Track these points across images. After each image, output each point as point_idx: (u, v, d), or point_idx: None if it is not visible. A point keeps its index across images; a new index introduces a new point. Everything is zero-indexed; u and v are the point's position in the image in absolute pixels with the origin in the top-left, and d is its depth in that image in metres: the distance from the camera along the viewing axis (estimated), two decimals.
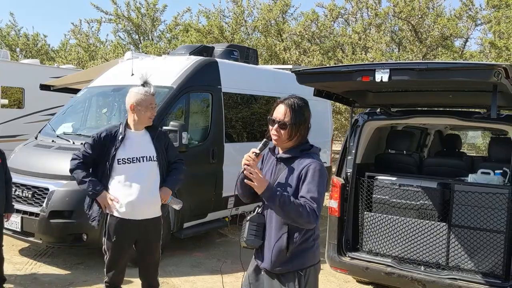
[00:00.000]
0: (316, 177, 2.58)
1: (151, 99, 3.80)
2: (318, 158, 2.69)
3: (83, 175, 3.75)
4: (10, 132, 10.93)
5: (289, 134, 2.65)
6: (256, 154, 2.61)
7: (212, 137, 6.77)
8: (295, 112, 2.65)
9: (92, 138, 3.81)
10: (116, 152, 3.71)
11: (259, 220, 2.73)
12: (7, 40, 24.34)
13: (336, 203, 5.02)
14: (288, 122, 2.64)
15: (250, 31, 19.45)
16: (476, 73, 3.35)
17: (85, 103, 7.39)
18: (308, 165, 2.61)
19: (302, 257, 2.68)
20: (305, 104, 2.73)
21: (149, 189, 3.78)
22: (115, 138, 3.74)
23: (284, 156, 2.71)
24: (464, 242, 4.45)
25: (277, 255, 2.67)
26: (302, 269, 2.68)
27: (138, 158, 3.75)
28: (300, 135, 2.69)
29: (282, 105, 2.68)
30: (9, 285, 5.03)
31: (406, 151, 5.50)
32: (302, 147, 2.71)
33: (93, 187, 3.71)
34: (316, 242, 2.75)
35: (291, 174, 2.65)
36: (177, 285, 5.33)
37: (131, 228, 3.76)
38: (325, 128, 9.47)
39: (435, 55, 15.00)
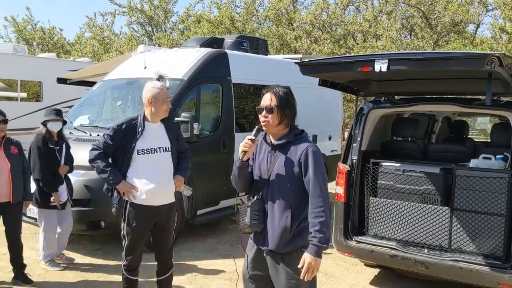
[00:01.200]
0: (317, 160, 2.81)
1: (167, 93, 4.01)
2: (312, 142, 2.92)
3: (104, 164, 3.95)
4: (30, 124, 11.23)
5: (277, 117, 2.84)
6: (252, 140, 2.85)
7: (222, 127, 6.97)
8: (279, 97, 2.86)
9: (113, 129, 3.98)
10: (136, 143, 3.91)
11: (259, 205, 2.90)
12: (24, 34, 24.76)
13: (342, 189, 5.19)
14: (275, 105, 2.84)
15: (261, 21, 19.54)
16: (470, 62, 3.48)
17: (101, 96, 7.64)
18: (306, 149, 2.82)
19: (303, 235, 2.84)
20: (289, 92, 2.94)
21: (166, 177, 4.03)
22: (134, 129, 3.94)
23: (279, 143, 2.89)
24: (466, 225, 4.58)
25: (281, 236, 2.84)
26: (304, 247, 2.82)
27: (155, 149, 3.97)
28: (287, 118, 2.88)
29: (267, 93, 2.91)
30: (31, 270, 5.32)
31: (411, 138, 5.62)
32: (295, 132, 2.91)
33: (114, 176, 3.92)
34: None
35: (289, 160, 2.83)
36: (191, 269, 5.58)
37: (150, 213, 3.99)
38: (336, 116, 9.61)
39: (447, 41, 14.96)
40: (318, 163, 2.80)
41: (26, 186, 4.95)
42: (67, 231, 5.49)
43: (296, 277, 2.82)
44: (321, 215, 2.74)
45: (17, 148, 4.87)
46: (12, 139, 4.91)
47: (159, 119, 4.04)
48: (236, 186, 3.05)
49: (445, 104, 5.13)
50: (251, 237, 3.04)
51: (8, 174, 4.69)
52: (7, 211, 4.78)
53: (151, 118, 4.00)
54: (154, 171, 3.95)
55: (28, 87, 12.82)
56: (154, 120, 4.02)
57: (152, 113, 3.98)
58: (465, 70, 3.78)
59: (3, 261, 5.17)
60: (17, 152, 4.85)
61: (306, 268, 2.73)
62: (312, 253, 2.73)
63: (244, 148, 2.87)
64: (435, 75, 4.44)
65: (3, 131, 4.73)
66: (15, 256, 4.95)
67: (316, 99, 8.73)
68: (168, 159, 4.06)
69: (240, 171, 2.95)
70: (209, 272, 5.50)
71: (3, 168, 4.68)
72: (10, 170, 4.70)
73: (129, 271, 4.14)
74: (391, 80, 4.92)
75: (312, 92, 8.35)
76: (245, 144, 2.86)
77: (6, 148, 4.75)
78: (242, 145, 2.88)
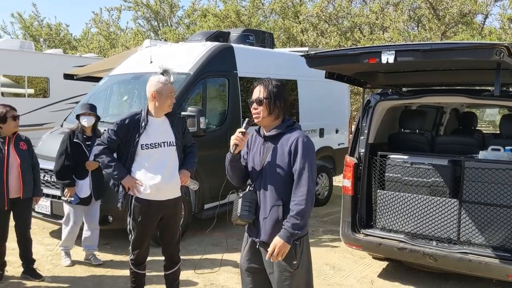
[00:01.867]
0: (306, 150, 2.79)
1: (171, 87, 3.98)
2: (303, 132, 2.91)
3: (108, 159, 3.95)
4: (37, 120, 11.34)
5: (267, 109, 2.86)
6: (242, 133, 2.88)
7: (229, 121, 6.96)
8: (268, 89, 2.87)
9: (116, 124, 3.98)
10: (139, 138, 3.91)
11: (251, 197, 2.91)
12: (31, 30, 24.86)
13: (349, 182, 5.17)
14: (264, 97, 2.86)
15: (267, 14, 19.47)
16: (478, 52, 3.45)
17: (107, 91, 7.65)
18: (296, 139, 2.81)
19: None
20: (281, 84, 2.95)
21: (171, 171, 4.01)
22: (138, 124, 3.94)
23: (270, 134, 2.90)
24: (474, 218, 4.56)
25: (273, 227, 2.84)
26: (297, 239, 2.83)
27: (160, 143, 3.96)
28: (278, 110, 2.88)
29: (257, 86, 2.93)
30: (41, 265, 5.36)
31: (419, 130, 5.59)
32: (287, 123, 2.92)
33: (118, 170, 3.92)
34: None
35: (281, 150, 2.84)
36: (199, 263, 5.59)
37: (155, 208, 3.99)
38: (343, 109, 9.56)
39: (454, 32, 14.83)
40: (306, 152, 2.79)
41: (36, 182, 4.97)
42: (94, 230, 5.46)
43: (289, 269, 2.84)
44: (301, 203, 2.74)
45: (26, 144, 4.89)
46: (21, 135, 4.94)
47: (163, 113, 4.02)
48: (231, 180, 3.07)
49: (453, 95, 5.09)
50: (246, 229, 3.04)
51: (18, 170, 4.71)
52: (17, 206, 4.81)
53: (155, 112, 3.99)
54: (158, 166, 3.94)
55: (35, 83, 12.87)
56: (158, 115, 4.01)
57: (156, 108, 3.96)
58: (473, 61, 3.75)
59: (13, 256, 5.21)
60: (26, 148, 4.87)
61: (271, 251, 2.76)
62: (282, 237, 2.74)
63: (235, 141, 2.88)
64: (443, 66, 4.40)
65: (16, 127, 4.77)
66: (25, 251, 4.98)
67: (323, 92, 8.70)
68: (173, 153, 4.04)
69: (231, 164, 2.97)
70: (216, 266, 5.51)
71: (13, 164, 4.70)
72: (20, 166, 4.72)
73: (136, 265, 4.15)
74: (398, 72, 4.89)
75: (318, 85, 8.32)
76: (236, 137, 2.89)
77: (16, 144, 4.78)
78: (233, 138, 2.90)
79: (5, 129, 4.72)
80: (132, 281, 4.22)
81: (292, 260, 2.83)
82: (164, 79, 3.95)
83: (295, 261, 2.84)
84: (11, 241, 5.02)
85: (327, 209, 8.53)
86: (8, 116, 4.70)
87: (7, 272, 5.04)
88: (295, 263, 2.84)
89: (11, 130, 4.74)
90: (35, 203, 5.11)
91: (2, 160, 4.64)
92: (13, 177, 4.70)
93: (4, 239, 4.89)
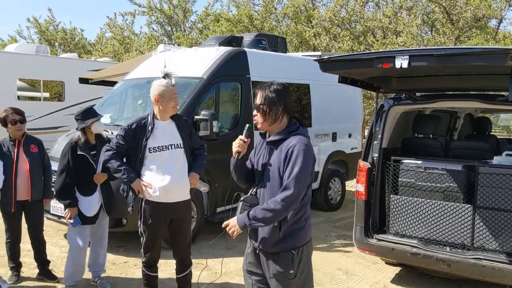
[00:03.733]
0: (298, 159, 2.70)
1: (173, 89, 4.01)
2: (305, 138, 2.81)
3: (117, 164, 4.01)
4: (52, 124, 11.48)
5: (263, 115, 2.83)
6: (243, 141, 2.90)
7: (241, 125, 6.95)
8: (265, 95, 2.83)
9: (123, 130, 4.05)
10: (147, 141, 3.97)
11: (252, 201, 2.87)
12: (46, 35, 25.19)
13: (362, 186, 5.16)
14: (260, 103, 2.84)
15: (280, 18, 19.51)
16: (493, 57, 3.43)
17: (122, 95, 7.74)
18: (293, 146, 2.74)
19: (295, 236, 2.83)
20: (282, 87, 2.88)
21: (179, 174, 4.05)
22: (145, 128, 4.00)
23: (272, 139, 2.87)
24: (489, 223, 4.52)
25: (270, 235, 2.83)
26: (294, 248, 2.82)
27: (167, 146, 4.00)
28: (275, 116, 2.82)
29: (257, 91, 2.91)
30: (55, 267, 5.42)
31: (433, 135, 5.57)
32: (289, 129, 2.85)
33: (128, 174, 3.97)
34: (307, 222, 2.90)
35: (279, 156, 2.80)
36: (211, 266, 5.61)
37: (165, 210, 4.03)
38: (356, 114, 9.53)
39: (468, 37, 14.72)
40: (299, 159, 2.70)
41: (47, 184, 5.00)
42: (101, 251, 4.94)
43: (287, 278, 2.83)
44: (273, 203, 2.69)
45: (37, 146, 4.93)
46: (33, 137, 4.99)
47: (168, 116, 4.07)
48: (238, 182, 3.07)
49: (467, 100, 5.06)
50: (249, 232, 3.03)
51: (27, 173, 4.76)
52: (28, 209, 4.88)
53: (160, 115, 4.04)
54: (166, 168, 3.98)
55: (50, 87, 13.04)
56: (163, 118, 4.05)
57: (160, 111, 4.02)
58: (487, 66, 3.73)
59: (28, 257, 5.28)
60: (37, 150, 4.90)
61: (225, 225, 2.84)
62: (238, 219, 2.80)
63: (237, 148, 2.90)
64: (456, 71, 4.39)
65: (20, 130, 4.79)
66: (39, 253, 5.05)
67: (335, 96, 8.70)
68: (180, 156, 4.08)
69: (236, 168, 2.98)
70: (229, 269, 5.53)
71: (22, 167, 4.76)
72: (29, 169, 4.77)
73: (148, 268, 4.20)
74: (411, 76, 4.87)
75: (331, 89, 8.32)
76: (238, 144, 2.90)
77: (25, 147, 4.82)
78: (235, 145, 2.91)
79: (10, 132, 4.80)
80: (145, 283, 4.26)
81: (289, 269, 2.81)
82: (165, 82, 4.00)
83: (291, 271, 2.82)
84: (26, 242, 5.09)
85: (339, 214, 8.51)
86: (8, 120, 4.75)
87: (23, 273, 5.12)
88: (292, 272, 2.82)
89: (15, 133, 4.79)
90: (45, 205, 5.12)
91: (11, 163, 4.70)
92: (22, 180, 4.75)
93: (17, 241, 4.97)
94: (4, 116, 4.75)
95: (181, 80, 5.85)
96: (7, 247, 4.95)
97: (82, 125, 4.54)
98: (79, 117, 4.59)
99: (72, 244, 4.65)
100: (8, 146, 4.76)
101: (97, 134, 4.70)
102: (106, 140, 4.71)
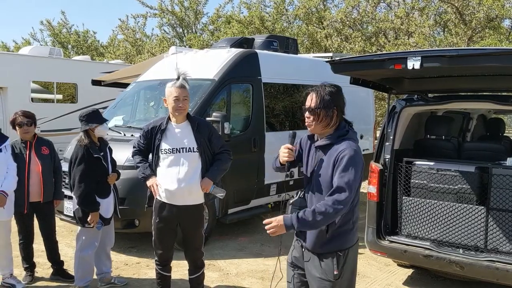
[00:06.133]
0: (349, 164, 2.67)
1: (175, 90, 3.90)
2: (354, 143, 2.78)
3: (137, 160, 4.12)
4: (66, 125, 11.56)
5: (317, 118, 2.78)
6: (290, 149, 2.89)
7: (253, 127, 7.00)
8: (320, 97, 2.79)
9: (143, 130, 4.15)
10: (160, 142, 4.00)
11: (301, 204, 2.88)
12: (60, 37, 25.42)
13: (374, 188, 5.14)
14: (315, 106, 2.78)
15: (291, 20, 19.50)
16: (505, 58, 3.41)
17: (134, 97, 7.79)
18: (342, 151, 2.71)
19: (341, 238, 2.83)
20: (336, 90, 2.85)
21: (187, 178, 3.96)
22: (159, 129, 4.02)
23: (321, 144, 2.84)
24: (502, 225, 4.48)
25: (317, 237, 2.82)
26: (341, 250, 2.81)
27: (178, 149, 3.97)
28: (329, 119, 2.79)
29: (310, 93, 2.86)
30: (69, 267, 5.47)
31: (445, 136, 5.53)
32: (338, 133, 2.81)
33: (143, 171, 4.05)
34: (355, 225, 2.88)
35: (327, 161, 2.77)
36: (223, 267, 5.63)
37: (170, 211, 4.04)
38: (368, 115, 9.51)
39: (481, 37, 14.58)
40: (348, 165, 2.67)
41: (58, 185, 5.08)
42: (109, 251, 5.06)
43: (330, 279, 2.81)
44: (322, 206, 2.65)
45: (48, 148, 5.00)
46: (44, 139, 5.06)
47: (178, 118, 4.00)
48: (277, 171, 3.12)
49: (480, 101, 5.02)
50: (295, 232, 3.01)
51: (39, 175, 4.82)
52: (40, 210, 4.94)
53: (172, 118, 4.04)
54: (174, 171, 3.97)
55: (63, 89, 13.15)
56: (176, 120, 4.02)
57: (171, 113, 4.01)
58: (500, 67, 3.70)
59: (43, 258, 5.34)
60: (48, 152, 4.97)
61: (269, 225, 2.72)
62: (285, 219, 2.71)
63: (287, 158, 2.89)
64: (469, 72, 4.35)
65: (27, 132, 4.85)
66: (52, 253, 5.12)
67: (347, 97, 8.47)
68: (193, 159, 3.99)
69: (278, 170, 3.05)
70: (240, 270, 5.55)
71: (34, 168, 4.82)
72: (41, 171, 4.83)
73: (160, 266, 4.24)
74: (424, 77, 4.85)
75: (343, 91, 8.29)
76: (288, 154, 2.89)
77: (37, 149, 4.89)
78: (283, 156, 2.90)
79: (19, 134, 4.87)
80: (158, 283, 4.30)
81: (333, 270, 2.80)
82: (171, 83, 3.97)
83: (336, 272, 2.80)
84: (40, 243, 5.15)
85: None
86: (16, 122, 4.83)
87: (37, 273, 5.18)
88: (336, 274, 2.81)
89: (23, 136, 4.85)
90: (56, 206, 5.17)
91: (24, 165, 4.76)
92: (34, 182, 4.81)
93: (30, 242, 5.04)
94: (13, 118, 4.86)
95: (192, 82, 5.84)
96: (21, 247, 5.02)
97: (85, 127, 4.56)
98: (83, 118, 4.59)
99: (87, 245, 4.67)
100: (20, 148, 4.83)
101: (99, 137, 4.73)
102: (107, 143, 4.82)
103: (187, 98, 3.97)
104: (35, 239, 5.10)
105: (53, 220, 5.14)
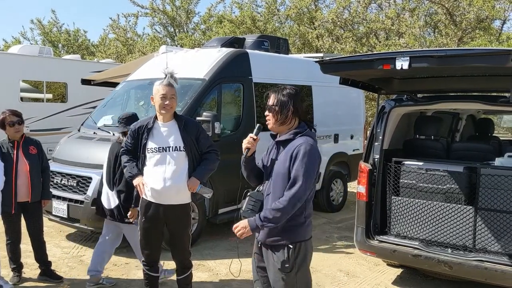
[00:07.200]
0: (304, 157, 2.85)
1: (162, 88, 3.89)
2: (311, 139, 2.96)
3: (124, 160, 4.10)
4: (55, 125, 11.50)
5: (275, 116, 3.00)
6: (253, 139, 3.06)
7: (244, 127, 6.98)
8: (278, 97, 3.00)
9: (130, 129, 4.11)
10: (146, 141, 3.97)
11: (257, 197, 3.05)
12: (50, 36, 25.26)
13: (364, 188, 5.15)
14: (273, 104, 3.00)
15: (282, 20, 19.51)
16: (493, 58, 3.43)
17: (124, 96, 7.75)
18: (299, 145, 2.89)
19: (292, 231, 2.95)
20: (294, 92, 3.04)
21: (174, 178, 3.92)
22: (146, 128, 4.00)
23: (280, 139, 3.04)
24: (490, 225, 4.50)
25: (270, 229, 2.94)
26: (292, 243, 2.94)
27: (164, 148, 3.94)
28: (284, 117, 2.98)
29: (270, 93, 3.07)
30: (57, 267, 5.43)
31: (434, 136, 5.55)
32: (297, 131, 3.00)
33: (130, 170, 4.03)
34: (308, 220, 3.02)
35: (285, 156, 2.94)
36: (213, 267, 5.62)
37: (156, 211, 4.01)
38: (358, 115, 9.53)
39: (472, 38, 14.68)
40: (304, 159, 2.84)
41: (45, 185, 5.03)
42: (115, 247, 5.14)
43: (283, 271, 2.94)
44: (282, 202, 2.83)
45: (36, 148, 4.95)
46: (32, 138, 5.01)
47: (165, 116, 3.97)
48: (248, 181, 3.23)
49: (469, 102, 5.04)
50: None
51: (27, 175, 4.78)
52: (27, 210, 4.90)
53: (159, 116, 4.01)
54: (160, 170, 3.93)
55: (53, 88, 13.08)
56: (163, 119, 3.99)
57: (157, 111, 3.99)
58: (489, 67, 3.73)
59: (30, 258, 5.29)
60: (36, 152, 4.92)
61: (235, 227, 2.95)
62: (249, 221, 2.92)
63: (247, 145, 3.06)
64: (458, 72, 4.38)
65: (19, 131, 4.81)
66: (39, 253, 5.07)
67: (337, 97, 8.70)
68: (179, 159, 3.95)
69: (245, 165, 3.14)
70: (230, 271, 5.52)
71: (22, 168, 4.77)
72: (29, 171, 4.79)
73: (147, 267, 4.21)
74: (413, 78, 4.87)
75: (333, 91, 8.32)
76: (248, 141, 3.06)
77: (24, 149, 4.84)
78: (245, 142, 3.07)
79: (8, 134, 4.82)
80: (145, 283, 4.27)
81: (284, 263, 2.93)
82: (159, 82, 3.96)
83: (287, 264, 2.93)
84: (28, 243, 5.11)
85: (341, 215, 8.50)
86: (6, 122, 4.77)
87: (24, 274, 5.13)
88: (287, 266, 2.93)
89: (13, 135, 4.81)
90: (44, 206, 5.12)
91: (11, 164, 4.72)
92: (22, 182, 4.77)
93: (18, 242, 4.99)
94: (2, 118, 4.78)
95: (183, 81, 5.85)
96: (8, 248, 4.97)
97: (124, 129, 4.74)
98: (123, 121, 4.81)
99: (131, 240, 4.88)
100: (7, 147, 4.78)
101: None
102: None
103: (174, 97, 3.94)
104: (22, 239, 5.05)
105: (41, 221, 5.10)
